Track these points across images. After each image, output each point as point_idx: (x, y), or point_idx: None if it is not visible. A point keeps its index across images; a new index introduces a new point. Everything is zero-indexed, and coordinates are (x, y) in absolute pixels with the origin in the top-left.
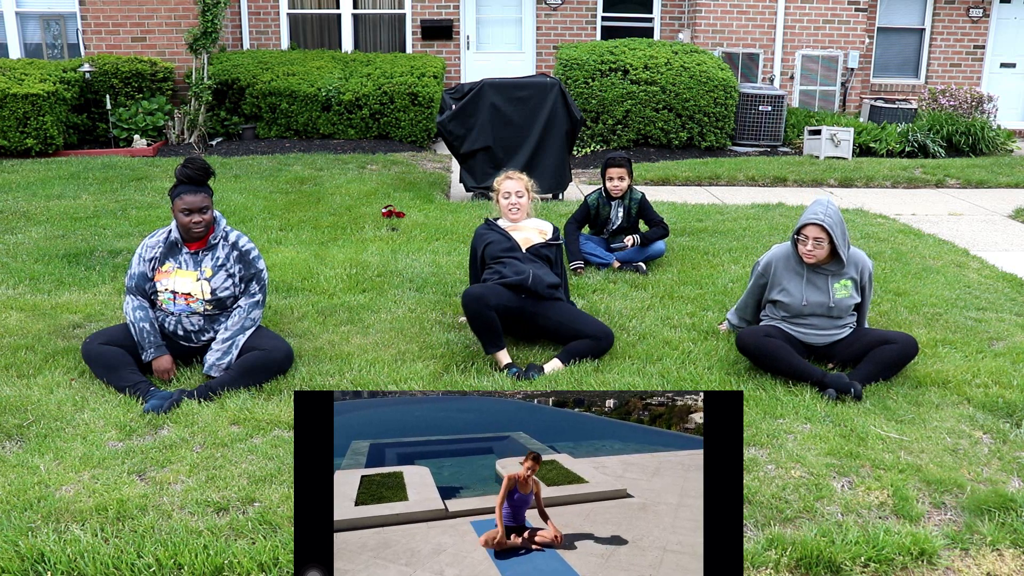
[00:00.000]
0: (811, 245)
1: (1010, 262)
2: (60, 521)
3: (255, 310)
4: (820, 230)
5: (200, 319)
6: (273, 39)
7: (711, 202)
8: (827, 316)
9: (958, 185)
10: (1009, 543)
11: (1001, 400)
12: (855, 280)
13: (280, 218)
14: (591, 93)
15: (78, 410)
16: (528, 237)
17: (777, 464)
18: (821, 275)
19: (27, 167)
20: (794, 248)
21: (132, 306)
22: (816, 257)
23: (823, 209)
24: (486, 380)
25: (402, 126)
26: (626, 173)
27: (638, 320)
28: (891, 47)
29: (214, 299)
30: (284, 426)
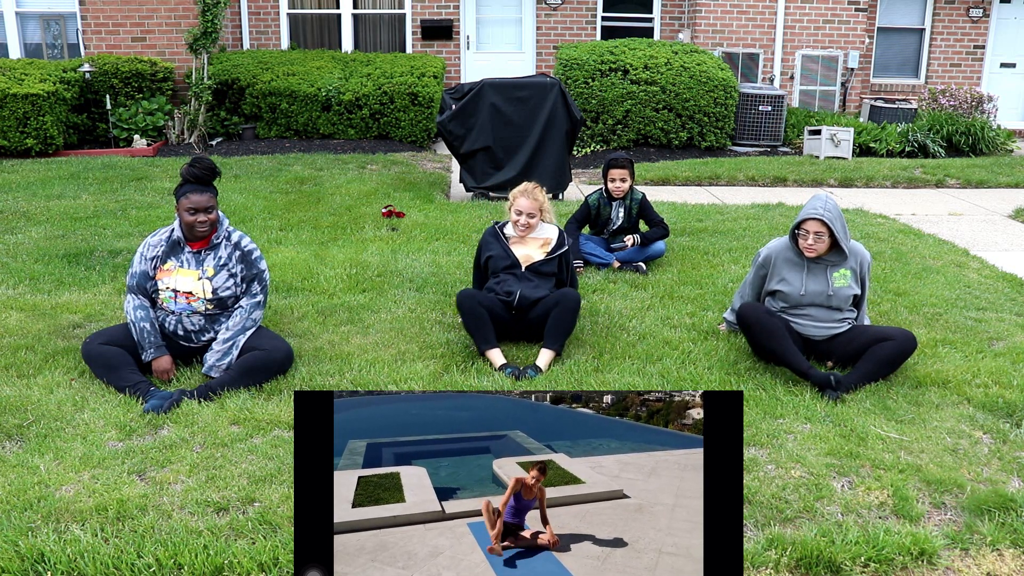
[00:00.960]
0: (812, 239)
1: (1010, 262)
2: (60, 521)
3: (256, 311)
4: (820, 224)
5: (201, 319)
6: (273, 39)
7: (711, 202)
8: (826, 307)
9: (958, 185)
10: (1009, 543)
11: (1001, 400)
12: (854, 271)
13: (280, 218)
14: (591, 93)
15: (78, 410)
16: (530, 254)
17: (777, 464)
18: (820, 265)
19: (27, 167)
20: (793, 243)
21: (133, 305)
22: (817, 251)
23: (822, 204)
24: (486, 380)
25: (402, 126)
26: (628, 174)
27: (638, 320)
28: (891, 47)
29: (215, 298)
30: (284, 426)
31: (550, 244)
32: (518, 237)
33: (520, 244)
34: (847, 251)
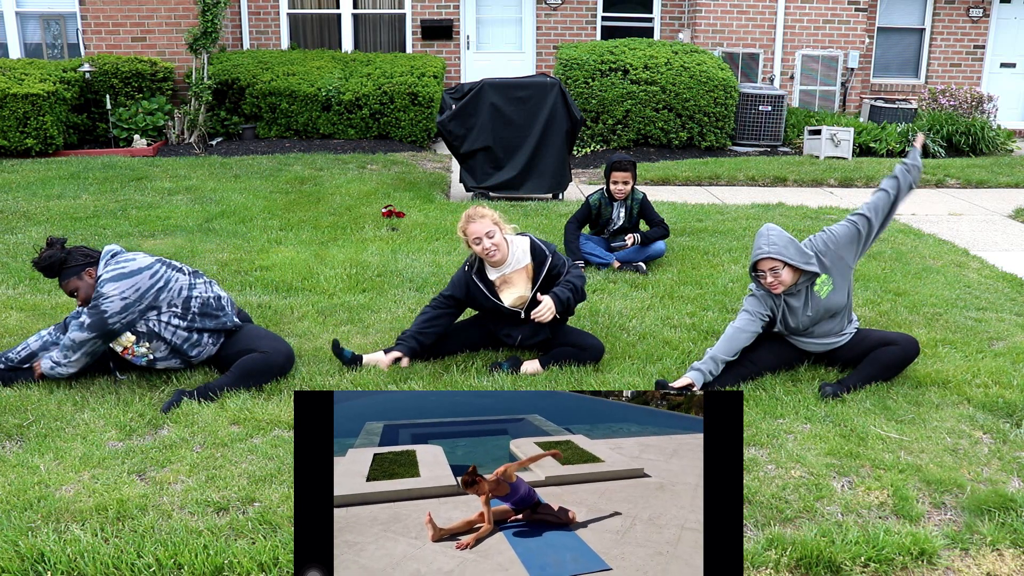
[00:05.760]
0: (771, 278)
1: (1010, 262)
2: (60, 521)
3: (75, 331)
4: (772, 261)
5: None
6: (273, 39)
7: (711, 202)
8: (828, 318)
9: (958, 185)
10: (1009, 543)
11: (1001, 400)
12: (824, 265)
13: (280, 218)
14: (591, 93)
15: (78, 410)
16: (522, 295)
17: (777, 464)
18: (798, 287)
19: (27, 167)
20: (758, 285)
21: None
22: (785, 283)
23: (764, 240)
24: (486, 380)
25: (402, 126)
26: (630, 177)
27: (638, 320)
28: (891, 47)
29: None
30: (284, 426)
31: (530, 269)
32: (497, 271)
33: (506, 286)
34: (811, 270)
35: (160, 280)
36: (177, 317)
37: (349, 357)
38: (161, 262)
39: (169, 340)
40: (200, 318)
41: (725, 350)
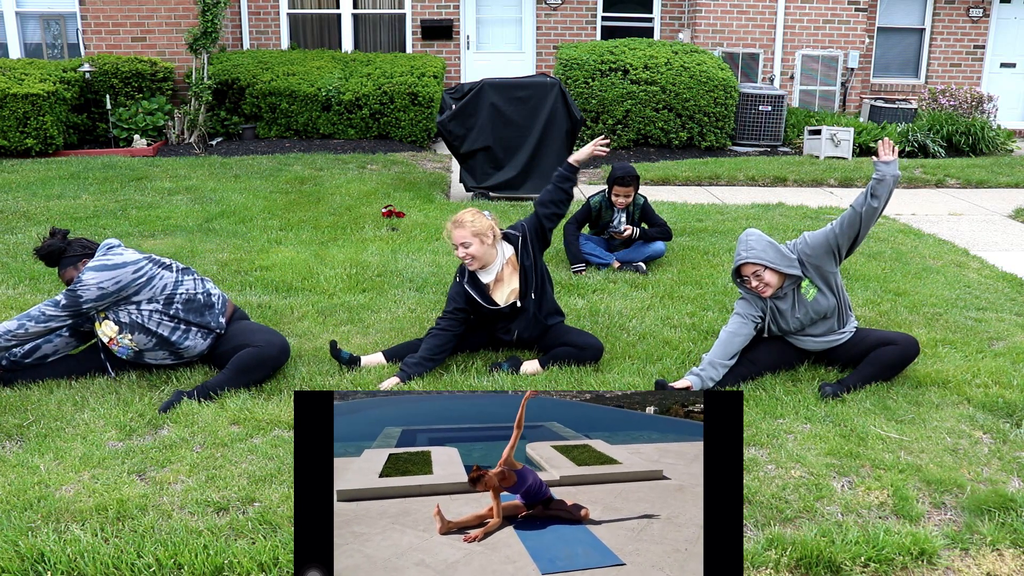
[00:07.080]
0: (755, 282)
1: (1010, 262)
2: (60, 521)
3: (46, 306)
4: (752, 266)
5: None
6: (273, 39)
7: (711, 202)
8: (819, 320)
9: (958, 185)
10: (1009, 543)
11: (1001, 400)
12: (811, 267)
13: (280, 218)
14: (591, 93)
15: (78, 410)
16: (514, 287)
17: (777, 464)
18: (786, 291)
19: (27, 167)
20: (745, 290)
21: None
22: (772, 286)
23: (744, 247)
24: (486, 380)
25: (402, 126)
26: (632, 191)
27: (638, 320)
28: (891, 47)
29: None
30: (284, 426)
31: (514, 259)
32: (493, 280)
33: (499, 285)
34: (793, 273)
35: (143, 277)
36: (159, 312)
37: (347, 358)
38: (150, 259)
39: (154, 331)
40: (185, 311)
41: (721, 354)
